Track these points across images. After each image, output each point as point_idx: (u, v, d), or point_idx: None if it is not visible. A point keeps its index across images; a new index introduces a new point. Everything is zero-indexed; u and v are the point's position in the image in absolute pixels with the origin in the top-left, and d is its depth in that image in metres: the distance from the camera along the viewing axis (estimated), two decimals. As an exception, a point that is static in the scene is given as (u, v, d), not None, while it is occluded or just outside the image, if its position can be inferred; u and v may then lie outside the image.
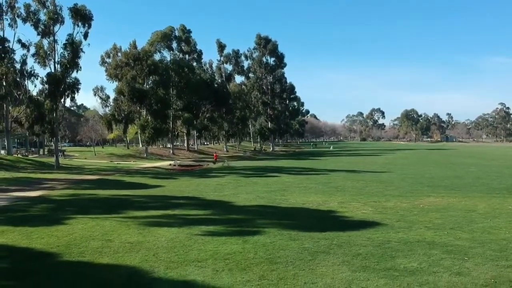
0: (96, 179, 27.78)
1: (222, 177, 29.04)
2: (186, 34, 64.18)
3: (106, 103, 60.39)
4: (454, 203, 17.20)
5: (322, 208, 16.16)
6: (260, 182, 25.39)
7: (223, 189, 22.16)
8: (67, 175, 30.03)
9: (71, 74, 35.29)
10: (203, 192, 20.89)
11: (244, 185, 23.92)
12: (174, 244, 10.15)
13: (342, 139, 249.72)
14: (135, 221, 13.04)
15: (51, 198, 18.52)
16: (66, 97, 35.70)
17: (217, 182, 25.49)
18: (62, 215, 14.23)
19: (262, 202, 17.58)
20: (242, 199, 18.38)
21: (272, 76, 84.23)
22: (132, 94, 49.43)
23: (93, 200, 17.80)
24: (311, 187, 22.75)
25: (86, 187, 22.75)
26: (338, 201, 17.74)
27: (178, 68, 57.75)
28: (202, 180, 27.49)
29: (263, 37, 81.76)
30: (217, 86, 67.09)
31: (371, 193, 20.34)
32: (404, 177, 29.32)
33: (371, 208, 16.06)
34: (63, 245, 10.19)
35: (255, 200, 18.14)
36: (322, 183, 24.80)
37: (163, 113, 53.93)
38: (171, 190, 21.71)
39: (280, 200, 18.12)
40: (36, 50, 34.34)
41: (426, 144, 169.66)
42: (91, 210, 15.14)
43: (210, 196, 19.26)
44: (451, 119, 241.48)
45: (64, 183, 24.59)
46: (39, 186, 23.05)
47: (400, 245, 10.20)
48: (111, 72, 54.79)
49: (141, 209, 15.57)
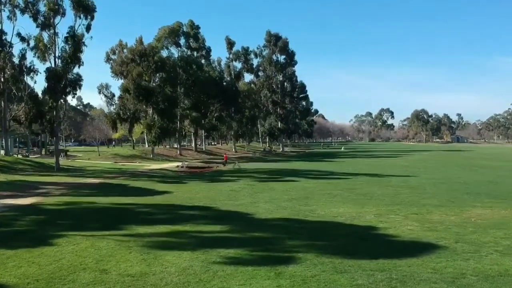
0: (97, 183, 25.51)
1: (235, 181, 26.62)
2: (194, 30, 61.75)
3: (111, 102, 58.08)
4: (509, 216, 14.75)
5: (358, 222, 13.72)
6: (278, 188, 22.95)
7: (238, 196, 19.76)
8: (67, 178, 27.80)
9: (72, 69, 33.01)
10: (216, 200, 18.51)
11: (261, 192, 21.50)
12: (187, 279, 7.79)
13: (350, 139, 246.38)
14: (138, 241, 10.70)
15: (43, 207, 16.22)
16: (67, 94, 33.45)
17: (230, 188, 23.07)
18: (52, 231, 11.91)
19: (286, 214, 15.17)
20: (262, 209, 15.97)
21: (283, 75, 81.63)
22: (138, 92, 47.14)
23: (91, 211, 15.47)
24: (337, 195, 20.29)
25: (85, 193, 20.45)
26: (374, 213, 15.30)
27: (186, 65, 55.38)
28: (213, 184, 25.09)
29: (273, 34, 79.12)
30: (226, 84, 64.60)
31: (407, 203, 17.86)
32: (435, 182, 26.74)
33: (416, 222, 13.63)
34: (44, 278, 7.86)
35: (277, 211, 15.73)
36: (347, 190, 22.31)
37: (171, 112, 51.58)
38: (180, 197, 19.34)
39: (306, 211, 15.70)
40: (35, 43, 32.02)
41: (437, 145, 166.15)
42: (87, 225, 12.82)
43: (225, 206, 16.87)
44: (461, 120, 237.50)
45: (61, 188, 22.34)
46: (33, 191, 20.80)
47: (481, 282, 7.79)
48: (116, 69, 52.56)
49: (146, 223, 13.21)
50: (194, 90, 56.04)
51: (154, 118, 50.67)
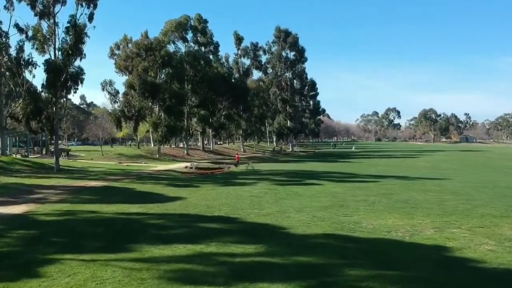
0: (100, 186, 22.97)
1: (253, 185, 23.97)
2: (202, 24, 59.08)
3: (115, 99, 55.43)
4: None
5: (421, 240, 11.10)
6: (303, 193, 20.31)
7: (262, 203, 17.15)
8: (67, 180, 25.29)
9: (73, 62, 30.45)
10: (237, 208, 15.90)
11: (286, 197, 18.88)
12: None
13: (355, 139, 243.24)
14: (152, 269, 8.13)
15: (36, 217, 13.68)
16: (68, 88, 30.88)
17: (250, 193, 20.45)
18: (42, 253, 9.38)
19: (327, 227, 12.55)
20: (296, 221, 13.37)
21: (292, 72, 78.80)
22: (144, 88, 44.56)
23: (92, 223, 12.89)
24: (374, 202, 17.64)
25: (86, 199, 17.90)
26: (431, 227, 12.69)
27: (193, 61, 52.68)
28: (230, 188, 22.42)
29: (282, 29, 76.32)
30: (235, 81, 61.82)
31: (461, 212, 15.20)
32: (475, 186, 24.07)
33: (490, 240, 11.06)
34: None
35: (314, 223, 13.11)
36: (382, 195, 19.66)
37: (178, 110, 48.98)
38: (195, 204, 16.74)
39: (350, 223, 13.08)
40: (33, 33, 29.46)
41: (446, 144, 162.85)
42: (86, 243, 10.26)
43: (250, 216, 14.28)
44: (468, 120, 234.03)
45: (60, 192, 19.83)
46: (28, 196, 18.29)
47: None
48: (121, 64, 49.98)
49: (160, 240, 10.62)
50: (202, 87, 53.32)
51: (160, 116, 48.12)
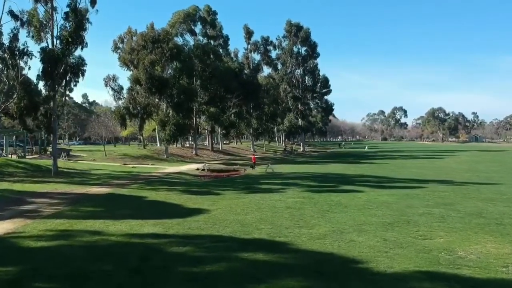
0: (104, 193, 19.56)
1: (282, 192, 20.45)
2: (211, 16, 55.64)
3: (119, 95, 51.90)
4: None
5: None
6: (348, 204, 16.80)
7: (306, 218, 13.70)
8: (65, 185, 21.90)
9: (73, 51, 27.05)
10: (279, 225, 12.47)
11: (330, 210, 15.40)
12: None
13: (361, 138, 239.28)
14: None
15: (20, 243, 10.28)
16: (67, 81, 27.55)
17: (284, 203, 16.98)
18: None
19: (415, 259, 9.09)
20: (366, 248, 9.93)
21: (304, 68, 75.12)
22: (151, 83, 41.07)
23: (95, 253, 9.44)
24: (441, 215, 14.14)
25: (87, 213, 14.47)
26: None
27: (203, 55, 49.07)
28: (257, 197, 18.88)
29: (294, 23, 72.59)
30: (246, 77, 58.27)
31: None
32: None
33: None
34: None
35: (392, 251, 9.68)
36: (442, 205, 16.17)
37: (187, 106, 45.50)
38: (224, 220, 13.29)
39: (441, 252, 9.66)
40: (29, 19, 26.05)
41: (457, 144, 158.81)
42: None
43: (302, 239, 10.84)
44: (476, 119, 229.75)
45: (56, 202, 16.44)
46: (16, 208, 14.92)
47: None
48: (125, 58, 46.56)
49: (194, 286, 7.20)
50: (212, 82, 49.75)
51: (168, 113, 44.68)
